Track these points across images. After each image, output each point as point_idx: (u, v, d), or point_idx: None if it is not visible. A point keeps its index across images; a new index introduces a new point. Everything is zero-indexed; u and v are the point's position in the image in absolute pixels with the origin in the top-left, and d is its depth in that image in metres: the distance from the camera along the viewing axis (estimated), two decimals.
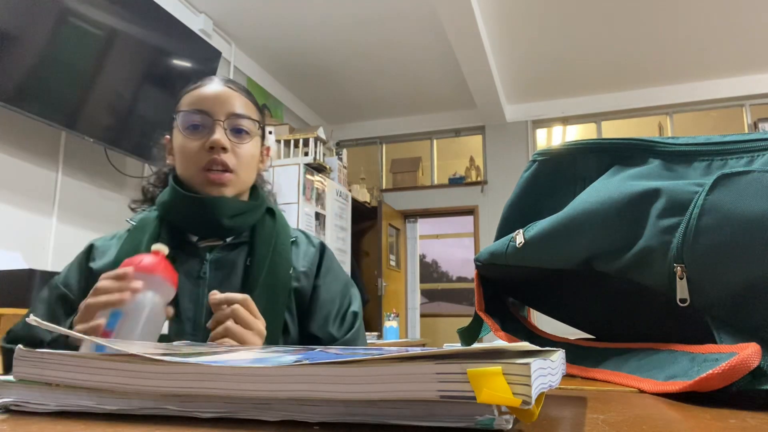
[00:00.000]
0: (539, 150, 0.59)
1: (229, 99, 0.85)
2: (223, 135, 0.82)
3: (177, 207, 0.84)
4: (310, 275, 0.89)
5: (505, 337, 0.61)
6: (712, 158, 0.47)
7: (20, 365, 0.32)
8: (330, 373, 0.27)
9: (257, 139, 0.89)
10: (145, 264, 0.61)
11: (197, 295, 0.81)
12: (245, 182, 0.87)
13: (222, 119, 0.83)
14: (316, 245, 0.94)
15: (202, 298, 0.81)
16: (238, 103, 0.86)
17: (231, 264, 0.85)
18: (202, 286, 0.82)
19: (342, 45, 4.41)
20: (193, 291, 0.81)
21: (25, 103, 2.45)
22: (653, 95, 5.22)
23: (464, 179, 5.80)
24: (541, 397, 0.27)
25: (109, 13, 2.84)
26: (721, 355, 0.38)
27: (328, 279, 0.90)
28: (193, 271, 0.83)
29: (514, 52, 4.54)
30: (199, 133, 0.83)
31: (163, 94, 3.24)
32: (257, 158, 0.90)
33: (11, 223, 2.61)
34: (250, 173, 0.88)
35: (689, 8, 3.94)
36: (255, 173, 0.90)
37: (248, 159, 0.86)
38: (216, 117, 0.83)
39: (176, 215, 0.84)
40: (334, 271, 0.93)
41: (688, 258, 0.41)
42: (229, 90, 0.87)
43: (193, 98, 0.86)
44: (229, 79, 0.91)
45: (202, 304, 0.80)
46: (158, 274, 0.61)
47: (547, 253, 0.53)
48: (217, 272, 0.83)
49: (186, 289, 0.81)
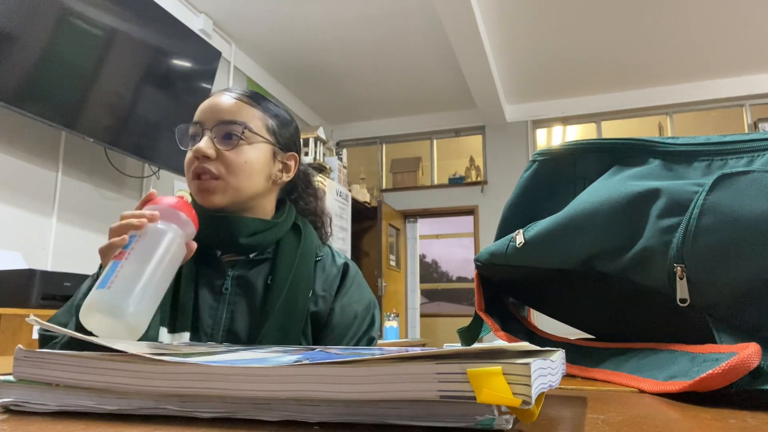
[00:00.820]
0: (539, 150, 0.59)
1: (221, 107, 0.83)
2: (208, 142, 0.80)
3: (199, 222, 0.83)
4: (328, 299, 0.86)
5: (505, 337, 0.61)
6: (712, 158, 0.47)
7: (20, 365, 0.32)
8: (330, 373, 0.27)
9: (260, 146, 0.84)
10: (167, 201, 0.63)
11: (216, 310, 0.81)
12: (239, 190, 0.82)
13: (210, 127, 0.82)
14: (339, 266, 0.90)
15: (222, 313, 0.81)
16: (230, 110, 0.83)
17: (252, 281, 0.83)
18: (222, 302, 0.82)
19: (342, 45, 4.42)
20: (213, 306, 0.81)
21: (25, 103, 2.45)
22: (653, 95, 5.22)
23: (464, 179, 5.80)
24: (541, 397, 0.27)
25: (109, 13, 2.84)
26: (721, 355, 0.38)
27: (344, 302, 0.87)
28: (215, 286, 0.82)
29: (514, 52, 4.54)
30: (193, 143, 0.83)
31: (163, 94, 3.24)
32: (259, 166, 0.84)
33: (11, 223, 2.61)
34: (246, 180, 0.83)
35: (689, 8, 3.94)
36: (258, 182, 0.85)
37: (239, 165, 0.81)
38: (205, 126, 0.82)
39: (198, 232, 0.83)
40: (353, 294, 0.89)
41: (688, 258, 0.41)
42: (227, 98, 0.84)
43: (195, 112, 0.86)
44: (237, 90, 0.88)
45: (221, 319, 0.80)
46: (180, 210, 0.63)
47: (547, 253, 0.53)
48: (238, 288, 0.83)
49: (207, 304, 0.81)
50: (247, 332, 0.80)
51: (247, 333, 0.80)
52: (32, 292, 2.09)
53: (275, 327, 0.78)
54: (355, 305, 0.88)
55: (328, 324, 0.86)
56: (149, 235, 0.59)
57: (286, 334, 0.79)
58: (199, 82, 3.56)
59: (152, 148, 3.14)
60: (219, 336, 0.80)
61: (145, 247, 0.58)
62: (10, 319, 1.98)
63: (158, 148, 3.17)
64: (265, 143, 0.86)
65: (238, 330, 0.80)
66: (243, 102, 0.85)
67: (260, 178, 0.85)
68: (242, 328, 0.80)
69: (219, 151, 0.81)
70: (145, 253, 0.57)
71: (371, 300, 0.92)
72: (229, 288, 0.82)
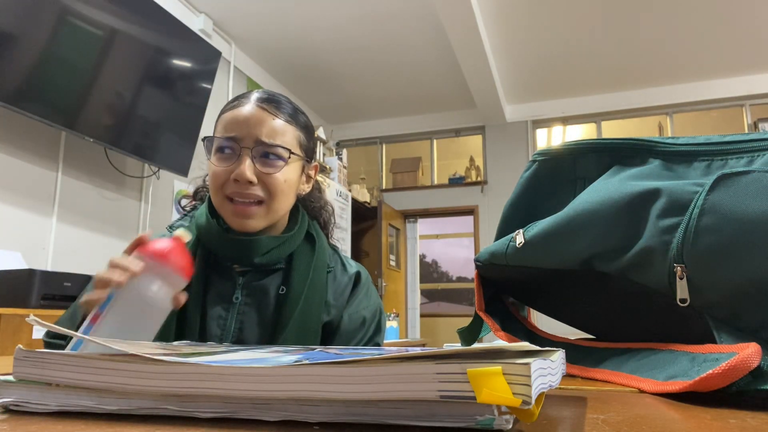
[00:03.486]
0: (539, 150, 0.59)
1: (260, 123, 0.78)
2: (249, 166, 0.76)
3: (211, 236, 0.81)
4: (339, 308, 0.86)
5: (505, 337, 0.61)
6: (712, 158, 0.47)
7: (20, 365, 0.32)
8: (330, 373, 0.27)
9: (295, 165, 0.81)
10: (155, 249, 0.58)
11: (225, 320, 0.80)
12: (277, 211, 0.80)
13: (250, 146, 0.77)
14: (350, 276, 0.90)
15: (231, 322, 0.80)
16: (269, 128, 0.78)
17: (264, 290, 0.82)
18: (232, 311, 0.81)
19: (342, 45, 4.41)
20: (221, 315, 0.80)
21: (25, 103, 2.45)
22: (653, 95, 5.22)
23: (464, 179, 5.80)
24: (541, 397, 0.27)
25: (109, 13, 2.84)
26: (721, 355, 0.38)
27: (352, 309, 0.88)
28: (225, 295, 0.81)
29: (514, 52, 4.54)
30: (227, 160, 0.77)
31: (163, 94, 3.24)
32: (294, 184, 0.82)
33: (11, 223, 2.61)
34: (284, 201, 0.81)
35: (689, 8, 3.94)
36: (292, 199, 0.83)
37: (280, 187, 0.78)
38: (243, 144, 0.77)
39: (210, 244, 0.82)
40: (362, 301, 0.89)
41: (688, 258, 0.41)
42: (263, 112, 0.79)
43: (224, 122, 0.80)
44: (267, 98, 0.82)
45: (230, 330, 0.79)
46: (167, 264, 0.57)
47: (547, 253, 0.53)
48: (249, 297, 0.82)
49: (215, 314, 0.80)
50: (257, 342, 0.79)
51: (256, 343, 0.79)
52: (32, 292, 2.09)
53: (291, 338, 0.78)
54: (364, 311, 0.88)
55: (337, 330, 0.85)
56: (129, 293, 0.55)
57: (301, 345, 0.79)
58: (199, 82, 3.56)
59: (152, 148, 3.14)
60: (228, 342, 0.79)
61: (123, 308, 0.54)
62: (10, 319, 1.98)
63: (158, 148, 3.17)
64: (300, 160, 0.83)
65: (248, 340, 0.79)
66: (283, 120, 0.81)
67: (293, 196, 0.84)
68: (251, 338, 0.79)
69: (258, 173, 0.77)
70: (121, 317, 0.54)
71: (379, 306, 0.92)
72: (240, 297, 0.81)
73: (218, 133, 0.80)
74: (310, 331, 0.81)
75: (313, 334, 0.81)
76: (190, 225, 0.85)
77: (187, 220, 0.89)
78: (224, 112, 0.82)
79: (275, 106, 0.81)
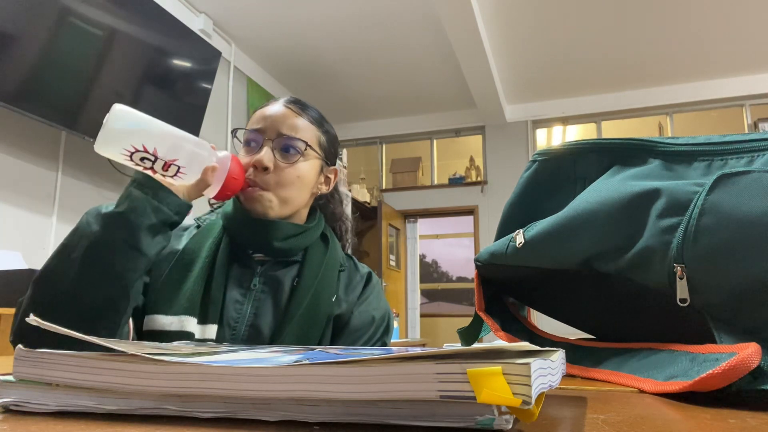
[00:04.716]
0: (539, 150, 0.59)
1: (282, 118, 0.86)
2: (268, 153, 0.83)
3: (235, 221, 0.86)
4: (351, 303, 0.90)
5: (505, 337, 0.61)
6: (712, 158, 0.47)
7: (20, 365, 0.32)
8: (330, 373, 0.27)
9: (312, 163, 0.89)
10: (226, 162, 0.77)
11: (242, 305, 0.84)
12: (288, 203, 0.86)
13: (272, 138, 0.85)
14: (362, 274, 0.95)
15: (247, 309, 0.83)
16: (291, 123, 0.86)
17: (280, 280, 0.86)
18: (248, 298, 0.84)
19: (342, 45, 4.41)
20: (239, 300, 0.84)
21: (25, 103, 2.45)
22: (653, 95, 5.22)
23: (464, 179, 5.80)
24: (541, 397, 0.27)
25: (109, 13, 2.84)
26: (721, 355, 0.38)
27: (363, 307, 0.91)
28: (244, 282, 0.85)
29: (515, 52, 4.54)
30: (252, 151, 0.85)
31: (163, 94, 3.24)
32: (309, 180, 0.89)
33: (11, 223, 2.61)
34: (296, 194, 0.87)
35: (689, 8, 3.94)
36: (305, 195, 0.89)
37: (292, 179, 0.85)
38: (266, 135, 0.85)
39: (233, 229, 0.87)
40: (372, 301, 0.93)
41: (688, 258, 0.41)
42: (287, 110, 0.87)
43: (254, 118, 0.88)
44: (295, 100, 0.91)
45: (246, 314, 0.83)
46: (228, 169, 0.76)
47: (547, 253, 0.53)
48: (265, 286, 0.85)
49: (233, 298, 0.83)
50: (270, 329, 0.83)
51: (269, 329, 0.82)
52: None
53: (296, 329, 0.81)
54: (373, 311, 0.91)
55: (347, 325, 0.88)
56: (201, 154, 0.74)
57: (306, 336, 0.82)
58: (199, 82, 3.56)
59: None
60: (242, 330, 0.82)
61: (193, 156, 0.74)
62: (10, 319, 1.97)
63: None
64: (317, 159, 0.90)
65: (261, 326, 0.82)
66: (306, 119, 0.89)
67: (307, 192, 0.89)
68: (265, 325, 0.83)
69: (276, 163, 0.84)
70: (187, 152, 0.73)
71: (388, 310, 0.96)
72: (257, 285, 0.85)
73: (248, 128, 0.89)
74: (316, 325, 0.83)
75: (317, 328, 0.84)
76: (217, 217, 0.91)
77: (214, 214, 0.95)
78: (256, 110, 0.90)
79: (300, 107, 0.90)
